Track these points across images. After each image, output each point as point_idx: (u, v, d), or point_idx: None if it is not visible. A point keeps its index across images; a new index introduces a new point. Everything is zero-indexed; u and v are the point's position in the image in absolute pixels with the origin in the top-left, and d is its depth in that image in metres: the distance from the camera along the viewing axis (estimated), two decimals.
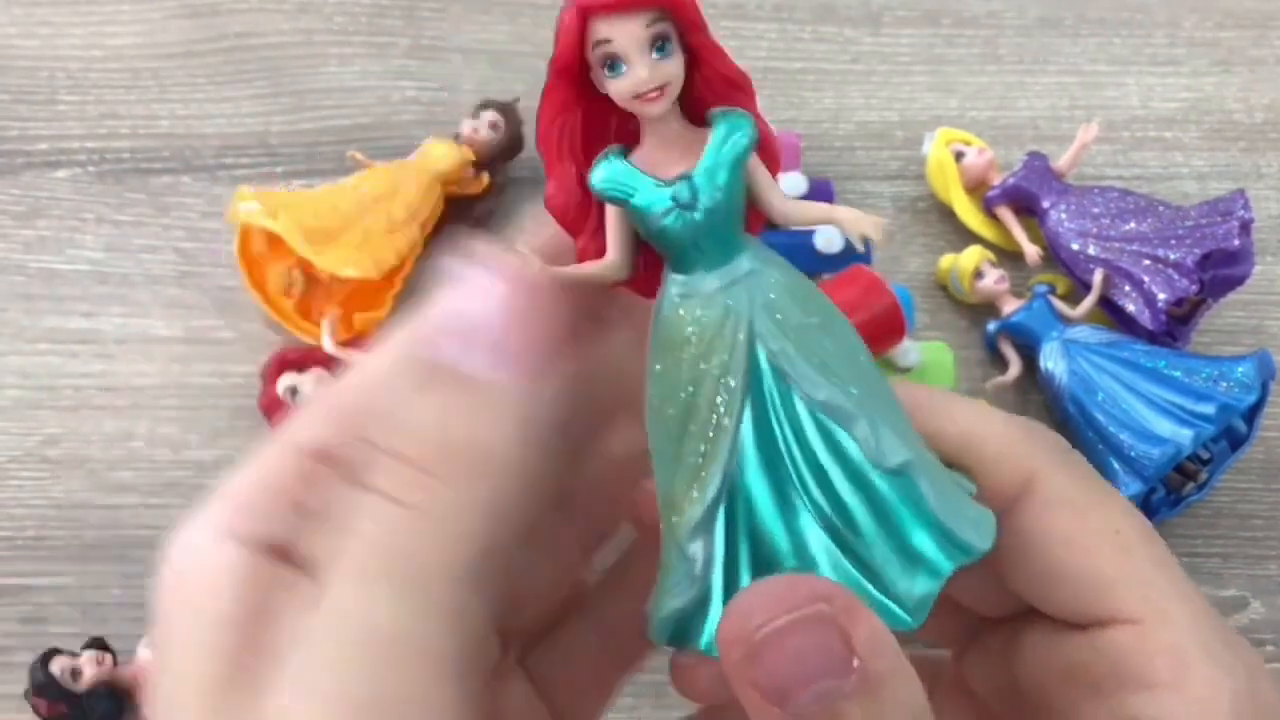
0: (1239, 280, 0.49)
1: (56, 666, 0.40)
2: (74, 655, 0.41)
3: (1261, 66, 0.59)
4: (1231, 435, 0.46)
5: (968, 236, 0.53)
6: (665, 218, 0.21)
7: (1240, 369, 0.45)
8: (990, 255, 0.51)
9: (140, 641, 0.42)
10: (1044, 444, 0.22)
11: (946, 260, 0.52)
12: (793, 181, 0.51)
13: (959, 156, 0.53)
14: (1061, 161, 0.52)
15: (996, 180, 0.53)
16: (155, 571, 0.36)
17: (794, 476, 0.21)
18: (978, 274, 0.50)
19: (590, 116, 0.22)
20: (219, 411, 0.48)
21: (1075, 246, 0.50)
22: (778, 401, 0.21)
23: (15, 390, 0.47)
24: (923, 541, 0.21)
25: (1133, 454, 0.44)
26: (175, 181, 0.53)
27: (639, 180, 0.21)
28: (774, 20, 0.60)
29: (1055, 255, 0.51)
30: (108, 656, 0.41)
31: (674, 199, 0.21)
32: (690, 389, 0.21)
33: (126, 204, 0.52)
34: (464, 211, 0.51)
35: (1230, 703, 0.20)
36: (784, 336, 0.21)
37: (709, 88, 0.21)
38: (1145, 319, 0.48)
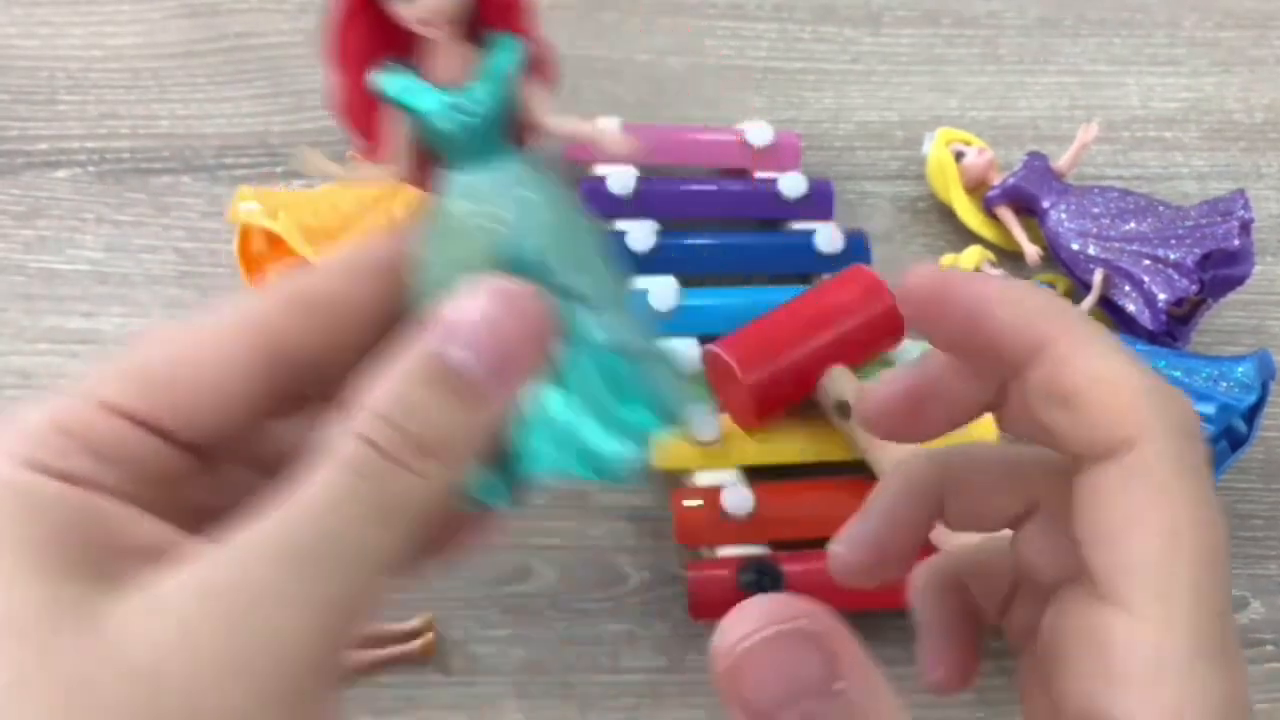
0: (1239, 280, 0.49)
1: None
2: None
3: (1261, 66, 0.60)
4: (1231, 435, 0.46)
5: (968, 236, 0.53)
6: (445, 122, 0.25)
7: (1240, 369, 0.45)
8: (990, 255, 0.51)
9: None
10: (1160, 417, 0.21)
11: (947, 260, 0.52)
12: (792, 181, 0.51)
13: (959, 156, 0.53)
14: (1061, 161, 0.52)
15: (996, 180, 0.53)
16: None
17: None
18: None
19: (374, 26, 0.25)
20: None
21: (1075, 246, 0.50)
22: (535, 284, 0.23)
23: (15, 390, 0.47)
24: (634, 412, 0.24)
25: None
26: (175, 181, 0.53)
27: (422, 89, 0.25)
28: (774, 20, 0.60)
29: (1055, 255, 0.51)
30: None
31: (453, 106, 0.25)
32: (463, 271, 0.23)
33: (126, 204, 0.52)
34: None
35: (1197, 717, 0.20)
36: (541, 232, 0.24)
37: (489, 11, 0.25)
38: (1145, 319, 0.48)
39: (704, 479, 0.44)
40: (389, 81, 0.25)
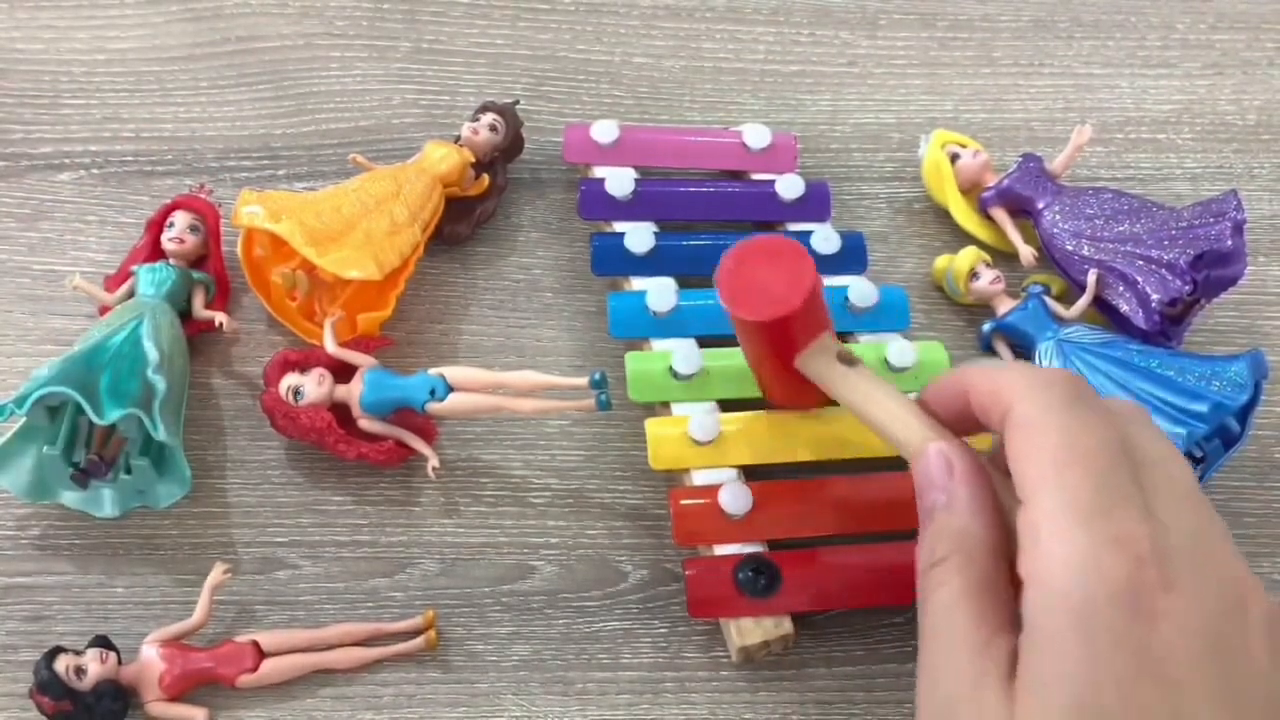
0: (1232, 280, 0.49)
1: (61, 665, 0.40)
2: (78, 654, 0.41)
3: (1254, 68, 0.60)
4: (1224, 434, 0.47)
5: (963, 238, 0.53)
6: None
7: (1233, 368, 0.46)
8: (985, 256, 0.52)
9: (144, 640, 0.42)
10: (1028, 386, 0.33)
11: (942, 261, 0.52)
12: (789, 183, 0.52)
13: (954, 158, 0.54)
14: (1056, 163, 0.53)
15: (991, 182, 0.53)
16: (159, 571, 0.36)
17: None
18: (973, 275, 0.51)
19: None
20: (222, 412, 0.48)
21: (1069, 247, 0.50)
22: None
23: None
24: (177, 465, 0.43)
25: None
26: (178, 184, 0.53)
27: None
28: (771, 23, 0.60)
29: (1050, 256, 0.51)
30: (111, 655, 0.41)
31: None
32: None
33: (130, 206, 0.53)
34: (464, 212, 0.52)
35: (1068, 568, 0.29)
36: None
37: None
38: (1139, 319, 0.48)
39: (702, 478, 0.45)
40: None
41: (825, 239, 0.50)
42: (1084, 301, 0.49)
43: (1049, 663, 0.29)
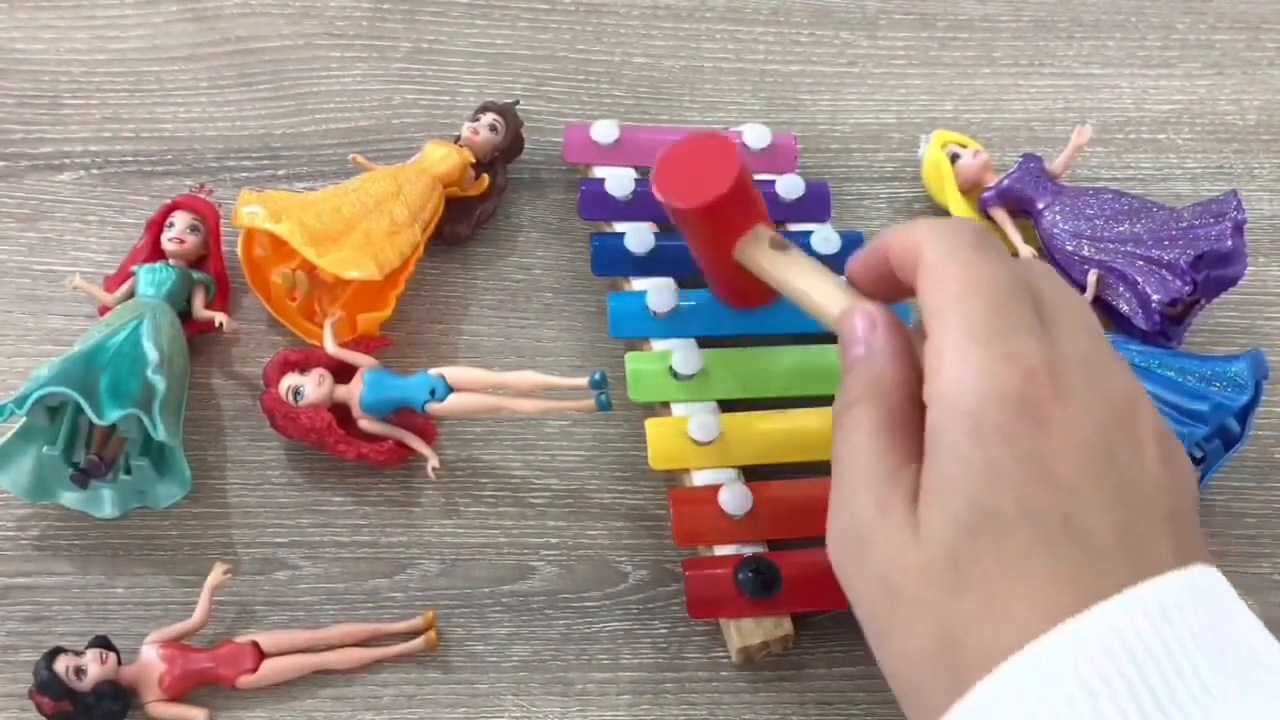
0: (1232, 281, 0.49)
1: (60, 665, 0.40)
2: (78, 654, 0.41)
3: (1254, 69, 0.60)
4: (1225, 434, 0.47)
5: None
6: None
7: (1233, 368, 0.46)
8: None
9: (144, 641, 0.42)
10: (935, 233, 0.35)
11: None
12: (790, 183, 0.52)
13: (954, 158, 0.54)
14: (1056, 163, 0.53)
15: (991, 182, 0.53)
16: (159, 571, 0.36)
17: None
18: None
19: None
20: (222, 412, 0.48)
21: (1069, 248, 0.50)
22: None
23: None
24: (177, 466, 0.44)
25: None
26: (178, 184, 0.53)
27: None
28: (771, 23, 0.60)
29: (1050, 256, 0.51)
30: (111, 655, 0.41)
31: None
32: None
33: (130, 206, 0.53)
34: (464, 212, 0.52)
35: (963, 382, 0.31)
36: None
37: None
38: (1139, 319, 0.48)
39: (702, 478, 0.45)
40: None
41: (825, 239, 0.50)
42: None
43: (945, 471, 0.31)
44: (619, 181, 0.51)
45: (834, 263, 0.50)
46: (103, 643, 0.42)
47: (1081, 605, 0.29)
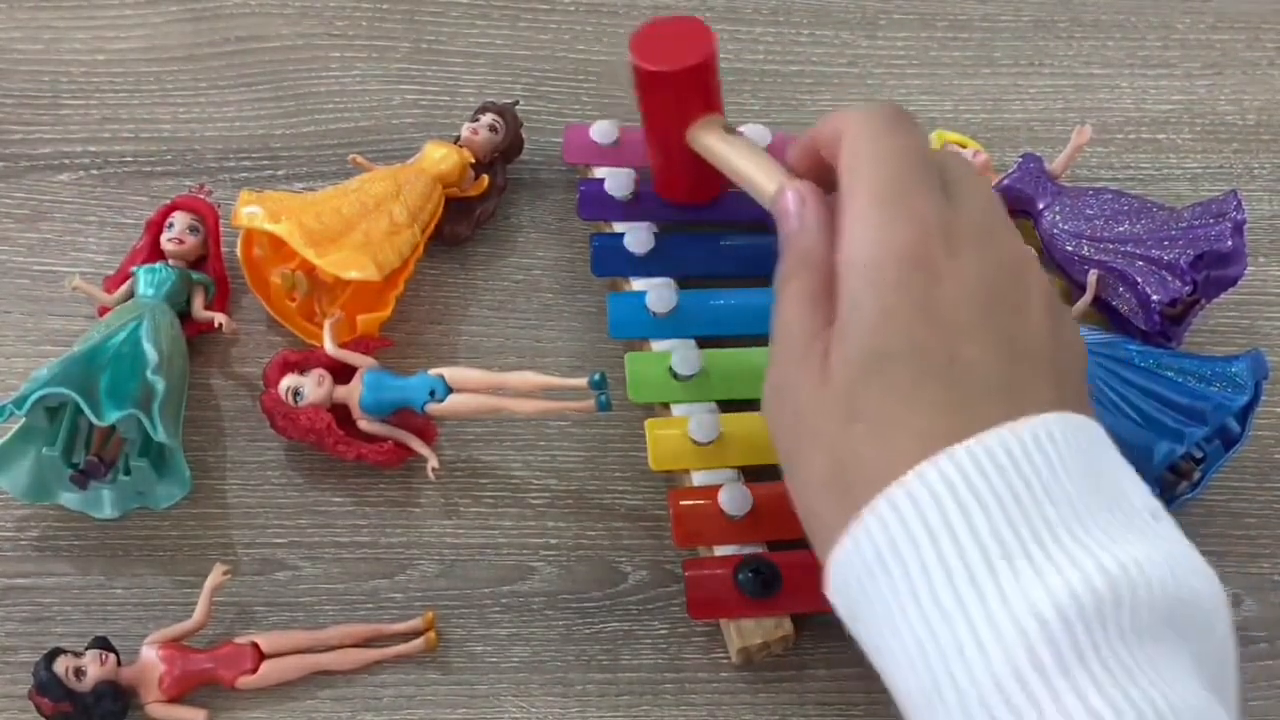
0: (1232, 281, 0.49)
1: (60, 666, 0.40)
2: (77, 655, 0.41)
3: (1254, 69, 0.60)
4: (1225, 434, 0.47)
5: None
6: None
7: (1233, 369, 0.46)
8: None
9: (143, 641, 0.42)
10: (856, 116, 0.37)
11: None
12: None
13: None
14: (1056, 163, 0.53)
15: (991, 182, 0.53)
16: (159, 572, 0.36)
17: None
18: None
19: None
20: (222, 412, 0.48)
21: (1070, 248, 0.50)
22: None
23: None
24: (177, 466, 0.44)
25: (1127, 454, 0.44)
26: (178, 185, 0.53)
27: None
28: (771, 24, 0.60)
29: (1050, 256, 0.51)
30: (111, 656, 0.41)
31: None
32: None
33: (129, 207, 0.53)
34: (464, 212, 0.52)
35: (864, 239, 0.34)
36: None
37: None
38: (1139, 319, 0.48)
39: (702, 479, 0.45)
40: None
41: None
42: (1084, 302, 0.49)
43: (846, 319, 0.34)
44: (619, 181, 0.51)
45: None
46: (102, 643, 0.42)
47: (963, 434, 0.31)
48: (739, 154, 0.43)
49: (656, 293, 0.48)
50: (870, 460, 0.32)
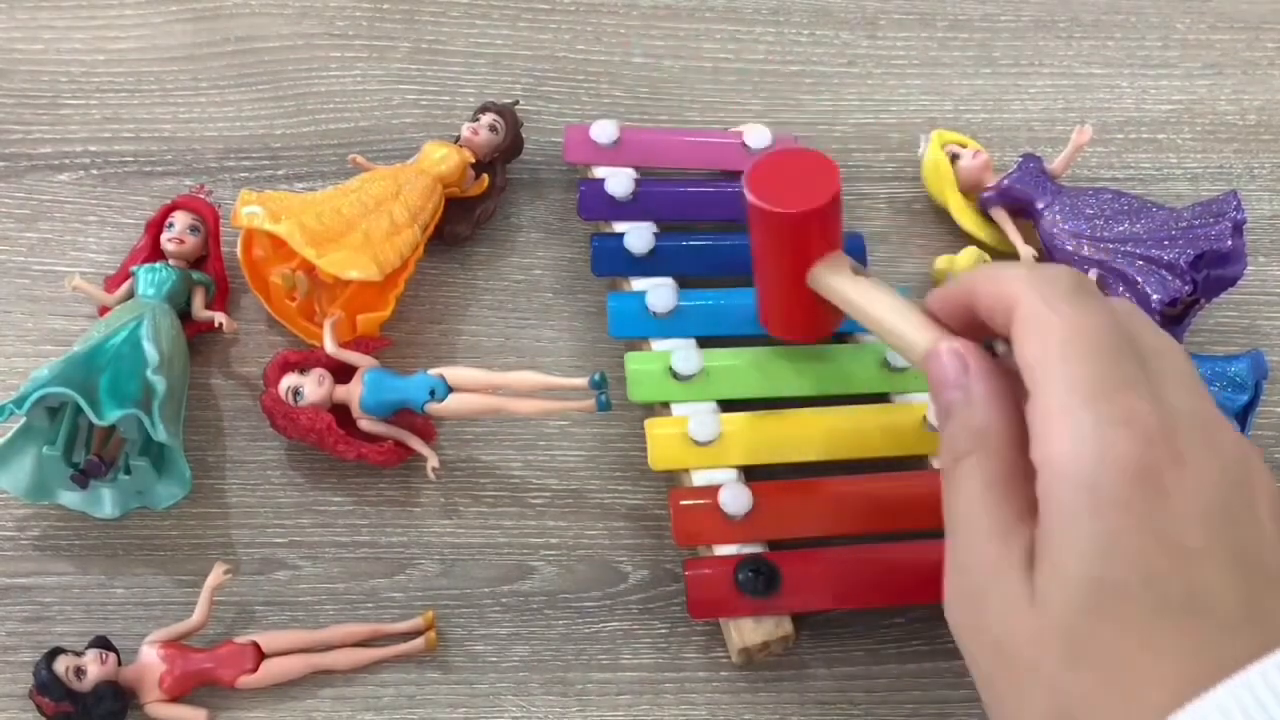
0: (1232, 280, 0.49)
1: (60, 666, 0.40)
2: (78, 655, 0.41)
3: (1254, 69, 0.60)
4: None
5: (963, 238, 0.53)
6: None
7: (1233, 368, 0.46)
8: (986, 256, 0.52)
9: (144, 641, 0.42)
10: (1032, 281, 0.33)
11: (942, 261, 0.52)
12: None
13: (954, 158, 0.54)
14: (1056, 163, 0.53)
15: (991, 182, 0.53)
16: (159, 571, 0.36)
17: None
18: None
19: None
20: (222, 412, 0.48)
21: (1069, 247, 0.50)
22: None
23: None
24: (177, 466, 0.44)
25: None
26: (178, 184, 0.53)
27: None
28: (771, 24, 0.60)
29: (1050, 256, 0.51)
30: (111, 656, 0.41)
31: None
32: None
33: (129, 206, 0.53)
34: (464, 212, 0.52)
35: (1077, 450, 0.30)
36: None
37: None
38: None
39: (702, 478, 0.45)
40: None
41: None
42: None
43: (1064, 542, 0.30)
44: (619, 181, 0.51)
45: None
46: (102, 643, 0.42)
47: (1209, 680, 0.28)
48: (874, 301, 0.39)
49: (656, 293, 0.48)
50: (1109, 713, 0.29)
